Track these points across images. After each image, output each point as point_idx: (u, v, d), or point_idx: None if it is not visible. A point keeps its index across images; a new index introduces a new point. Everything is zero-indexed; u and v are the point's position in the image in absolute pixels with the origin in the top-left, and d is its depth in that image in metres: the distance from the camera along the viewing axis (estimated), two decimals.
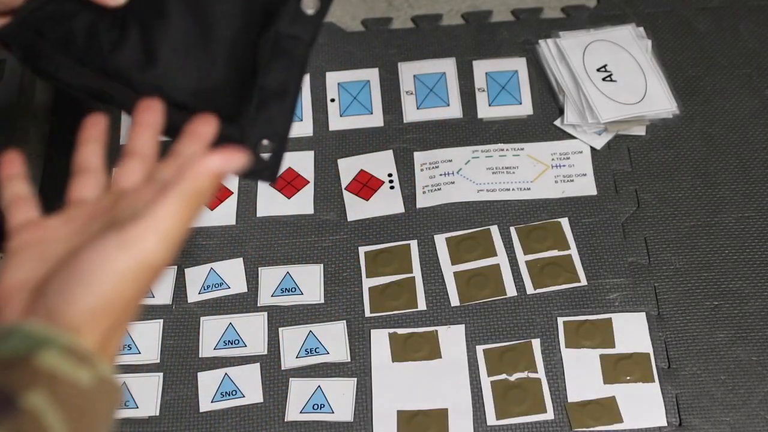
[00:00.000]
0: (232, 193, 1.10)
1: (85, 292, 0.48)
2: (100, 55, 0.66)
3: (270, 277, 1.04)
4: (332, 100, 1.17)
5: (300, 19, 0.68)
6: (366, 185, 1.10)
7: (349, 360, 0.99)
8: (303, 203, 1.09)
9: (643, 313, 1.00)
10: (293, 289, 1.03)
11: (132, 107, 0.63)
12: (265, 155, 0.66)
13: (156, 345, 1.00)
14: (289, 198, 1.10)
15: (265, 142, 0.66)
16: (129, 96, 0.66)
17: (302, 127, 1.15)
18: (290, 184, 1.10)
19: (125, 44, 0.66)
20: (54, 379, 0.44)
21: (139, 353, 1.00)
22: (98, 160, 0.58)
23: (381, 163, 1.12)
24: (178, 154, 0.55)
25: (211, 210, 1.09)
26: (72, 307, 0.47)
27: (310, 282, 1.04)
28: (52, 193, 1.11)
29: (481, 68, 1.18)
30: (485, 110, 1.15)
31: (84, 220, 0.54)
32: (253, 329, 1.01)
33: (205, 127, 0.56)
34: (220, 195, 1.10)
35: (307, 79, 1.19)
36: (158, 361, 0.99)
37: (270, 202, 1.09)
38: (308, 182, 1.11)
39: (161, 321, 1.02)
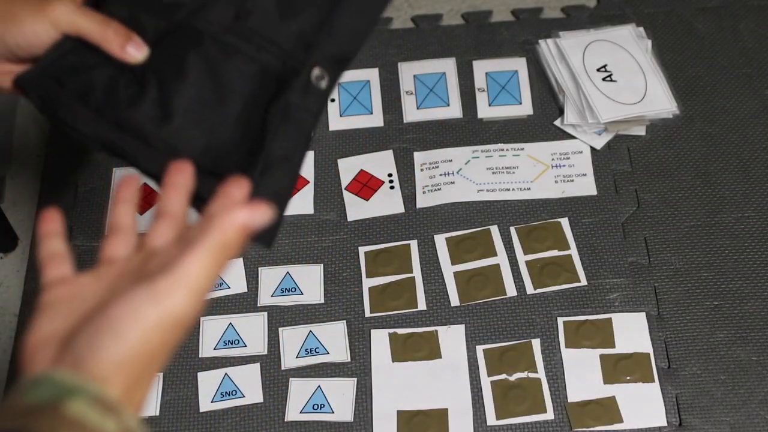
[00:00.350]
0: None
1: (113, 342, 0.49)
2: (118, 109, 0.67)
3: (270, 277, 1.04)
4: (332, 100, 1.17)
5: (311, 92, 0.70)
6: (366, 185, 1.10)
7: (349, 360, 0.99)
8: (303, 203, 1.09)
9: (643, 313, 1.00)
10: (293, 289, 1.03)
11: (143, 163, 0.66)
12: None
13: None
14: None
15: None
16: (142, 151, 0.67)
17: None
18: None
19: (143, 99, 0.67)
20: (81, 428, 0.45)
21: None
22: (131, 220, 0.59)
23: (381, 163, 1.12)
24: (210, 215, 0.54)
25: None
26: (99, 357, 0.48)
27: (310, 282, 1.04)
28: (52, 193, 1.12)
29: (481, 68, 1.18)
30: (485, 110, 1.15)
31: (114, 278, 0.54)
32: (253, 329, 1.01)
33: (238, 189, 0.56)
34: None
35: None
36: None
37: None
38: (308, 182, 1.11)
39: None
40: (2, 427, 0.44)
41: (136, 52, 0.68)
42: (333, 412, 0.95)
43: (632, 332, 0.99)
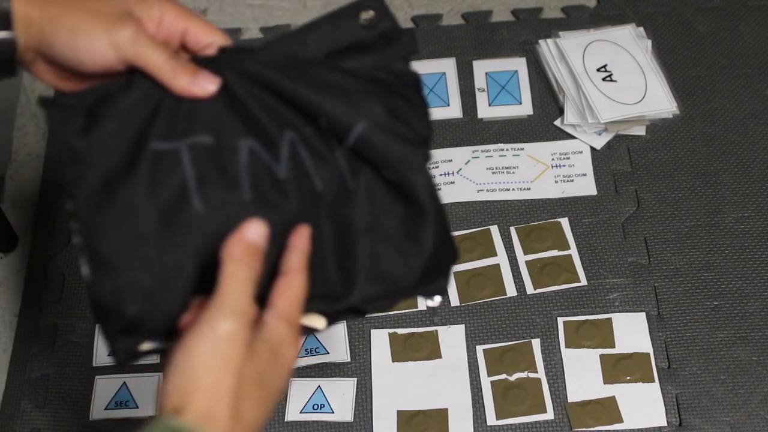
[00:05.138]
0: None
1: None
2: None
3: None
4: None
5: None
6: None
7: (349, 360, 0.99)
8: None
9: (643, 313, 1.00)
10: None
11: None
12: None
13: None
14: None
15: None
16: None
17: None
18: None
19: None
20: None
21: None
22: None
23: None
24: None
25: None
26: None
27: None
28: (52, 193, 1.12)
29: (481, 68, 1.18)
30: (485, 110, 1.15)
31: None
32: None
33: (301, 239, 0.59)
34: None
35: None
36: (158, 361, 0.99)
37: None
38: None
39: None
40: None
41: (207, 83, 0.61)
42: (333, 412, 0.95)
43: (632, 332, 0.99)
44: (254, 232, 0.57)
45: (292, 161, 0.62)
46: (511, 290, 1.02)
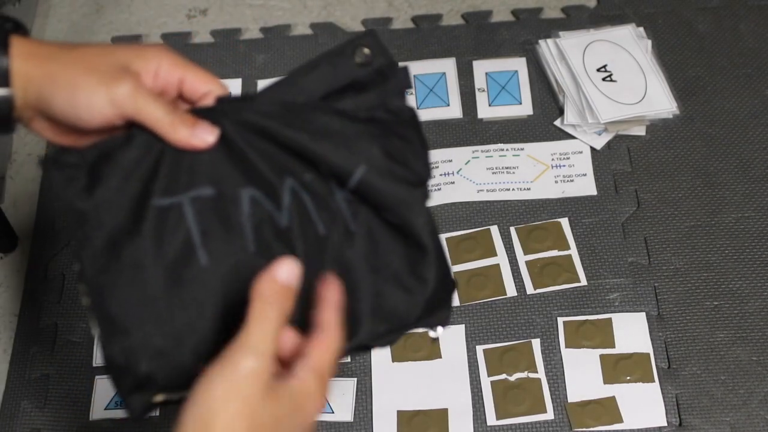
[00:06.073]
0: None
1: None
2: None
3: None
4: None
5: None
6: None
7: (348, 360, 0.99)
8: None
9: (643, 313, 1.00)
10: None
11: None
12: None
13: None
14: None
15: None
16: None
17: None
18: None
19: None
20: None
21: None
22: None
23: None
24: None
25: None
26: None
27: None
28: (52, 192, 1.11)
29: (481, 68, 1.18)
30: (485, 110, 1.15)
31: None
32: None
33: (332, 293, 0.58)
34: None
35: None
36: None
37: None
38: None
39: None
40: None
41: (207, 135, 0.61)
42: (333, 412, 0.96)
43: (632, 332, 0.99)
44: (286, 271, 0.55)
45: (295, 208, 0.62)
46: (511, 290, 1.02)
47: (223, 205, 0.61)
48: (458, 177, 1.10)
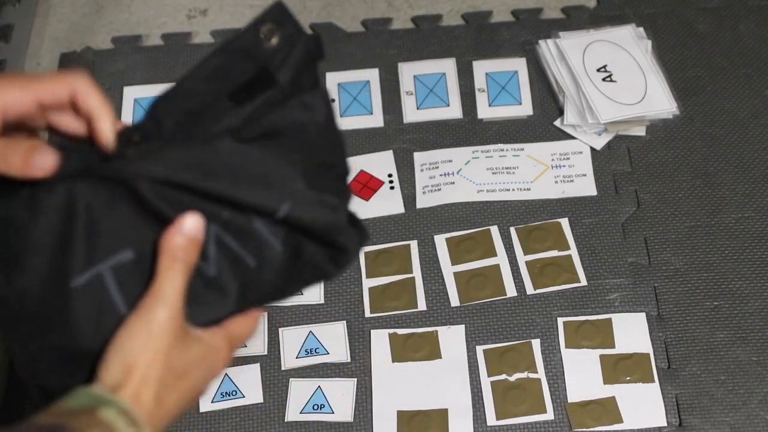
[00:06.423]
0: None
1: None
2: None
3: None
4: (332, 101, 1.17)
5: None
6: (366, 186, 1.10)
7: (349, 360, 0.99)
8: None
9: (643, 314, 1.00)
10: None
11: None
12: None
13: None
14: None
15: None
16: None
17: None
18: None
19: None
20: (110, 429, 0.53)
21: None
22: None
23: (381, 164, 1.12)
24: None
25: None
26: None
27: None
28: None
29: (481, 68, 1.18)
30: (485, 110, 1.15)
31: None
32: None
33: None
34: None
35: None
36: None
37: None
38: None
39: None
40: (45, 423, 0.52)
41: (42, 161, 0.57)
42: (333, 413, 0.95)
43: (632, 332, 0.99)
44: (190, 224, 0.58)
45: (221, 254, 0.61)
46: (511, 290, 1.02)
47: (144, 265, 0.59)
48: (458, 177, 1.10)
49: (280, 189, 0.60)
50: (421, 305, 1.02)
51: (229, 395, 0.97)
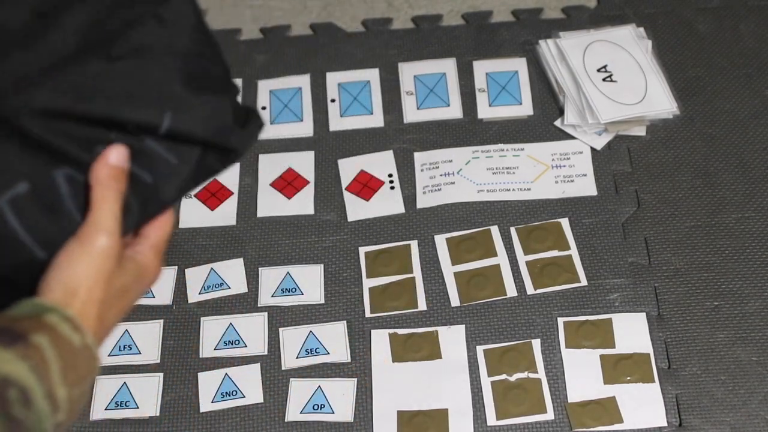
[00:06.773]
0: (233, 193, 1.10)
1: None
2: None
3: (270, 277, 1.04)
4: (332, 101, 1.17)
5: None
6: (366, 185, 1.10)
7: (349, 360, 0.99)
8: (303, 203, 1.09)
9: (643, 314, 1.00)
10: (293, 290, 1.03)
11: None
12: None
13: (156, 345, 1.00)
14: (289, 198, 1.10)
15: None
16: None
17: (302, 128, 1.15)
18: (290, 185, 1.11)
19: None
20: (54, 332, 0.57)
21: (140, 353, 1.00)
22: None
23: (381, 164, 1.12)
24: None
25: (212, 210, 1.09)
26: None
27: (310, 282, 1.04)
28: None
29: (481, 68, 1.18)
30: (485, 110, 1.15)
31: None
32: (253, 329, 1.01)
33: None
34: (220, 195, 1.10)
35: (307, 80, 1.19)
36: (158, 361, 0.99)
37: (270, 202, 1.10)
38: (308, 182, 1.11)
39: (161, 321, 1.02)
40: None
41: None
42: (333, 413, 0.96)
43: (632, 332, 0.99)
44: (115, 155, 0.62)
45: None
46: (511, 290, 1.02)
47: (42, 194, 0.61)
48: (458, 177, 1.10)
49: (158, 100, 0.63)
50: (422, 305, 1.02)
51: (229, 395, 0.97)
